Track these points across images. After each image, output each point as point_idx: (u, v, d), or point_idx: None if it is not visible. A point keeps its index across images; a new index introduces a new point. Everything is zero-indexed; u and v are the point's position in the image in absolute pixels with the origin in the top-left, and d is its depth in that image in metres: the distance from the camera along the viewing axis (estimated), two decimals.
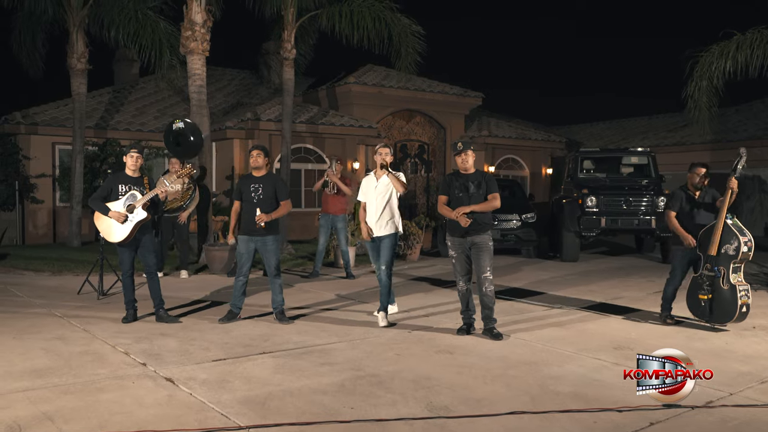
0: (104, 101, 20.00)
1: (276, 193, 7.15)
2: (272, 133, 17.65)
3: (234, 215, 7.33)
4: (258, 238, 7.08)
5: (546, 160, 23.70)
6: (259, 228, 6.97)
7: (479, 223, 6.59)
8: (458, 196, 6.66)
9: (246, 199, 7.16)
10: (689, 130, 23.76)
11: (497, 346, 6.27)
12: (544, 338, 6.58)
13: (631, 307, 8.29)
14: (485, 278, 6.61)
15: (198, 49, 11.71)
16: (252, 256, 7.18)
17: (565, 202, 13.70)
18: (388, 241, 7.12)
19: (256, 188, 7.11)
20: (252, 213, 7.04)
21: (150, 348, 6.00)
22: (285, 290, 9.28)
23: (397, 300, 8.51)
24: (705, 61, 12.45)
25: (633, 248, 15.81)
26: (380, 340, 6.44)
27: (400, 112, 21.02)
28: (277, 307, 7.22)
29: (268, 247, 7.10)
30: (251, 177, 7.25)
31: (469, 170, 6.74)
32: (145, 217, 6.89)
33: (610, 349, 6.21)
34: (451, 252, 6.82)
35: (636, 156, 14.42)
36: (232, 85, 24.47)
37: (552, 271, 11.74)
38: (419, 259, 13.62)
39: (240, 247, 7.18)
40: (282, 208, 7.17)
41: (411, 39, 16.35)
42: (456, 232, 6.70)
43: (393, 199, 7.20)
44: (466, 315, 6.85)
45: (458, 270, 6.80)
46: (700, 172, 7.37)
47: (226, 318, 7.13)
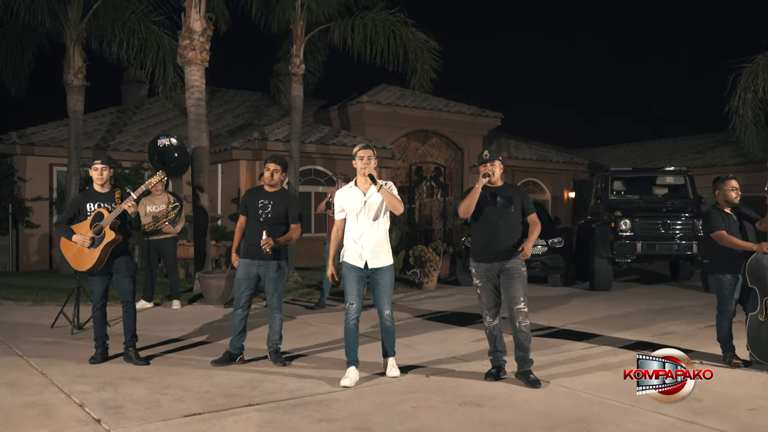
0: (107, 121, 19.21)
1: (288, 214, 6.14)
2: (280, 153, 16.70)
3: (238, 233, 6.28)
4: (262, 262, 6.05)
5: (568, 183, 22.62)
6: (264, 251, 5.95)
7: (510, 244, 5.56)
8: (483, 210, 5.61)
9: (252, 216, 6.14)
10: (719, 151, 22.68)
11: (535, 396, 5.16)
12: (591, 385, 5.46)
13: (684, 345, 7.13)
14: (519, 311, 5.52)
15: (196, 60, 10.81)
16: (254, 284, 6.14)
17: (595, 225, 12.58)
18: (387, 277, 5.62)
19: (264, 205, 6.09)
20: (257, 233, 6.00)
21: (112, 398, 4.94)
22: (285, 323, 8.22)
23: (413, 338, 7.43)
24: (750, 71, 11.38)
25: (667, 275, 14.61)
26: (393, 388, 5.35)
27: (416, 132, 20.04)
28: (272, 346, 6.16)
29: (272, 274, 6.07)
30: (261, 192, 6.22)
31: (496, 183, 5.70)
32: (114, 238, 5.87)
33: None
34: (476, 281, 5.74)
35: (672, 176, 13.29)
36: (242, 107, 23.70)
37: (585, 301, 10.60)
38: (436, 287, 12.53)
39: (239, 273, 6.13)
40: (293, 231, 6.16)
41: (427, 55, 15.46)
42: (482, 257, 5.65)
43: (387, 220, 5.71)
44: (495, 357, 5.75)
45: (484, 302, 5.72)
46: (734, 185, 6.28)
47: (222, 360, 6.03)
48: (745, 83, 11.52)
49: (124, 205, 5.85)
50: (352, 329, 5.53)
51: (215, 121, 21.45)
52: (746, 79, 11.48)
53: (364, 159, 5.59)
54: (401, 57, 15.31)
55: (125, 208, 5.85)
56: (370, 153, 5.62)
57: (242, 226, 6.25)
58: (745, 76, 11.49)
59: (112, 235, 5.86)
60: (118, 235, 5.90)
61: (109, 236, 5.85)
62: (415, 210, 20.14)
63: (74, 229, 5.95)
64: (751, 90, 11.49)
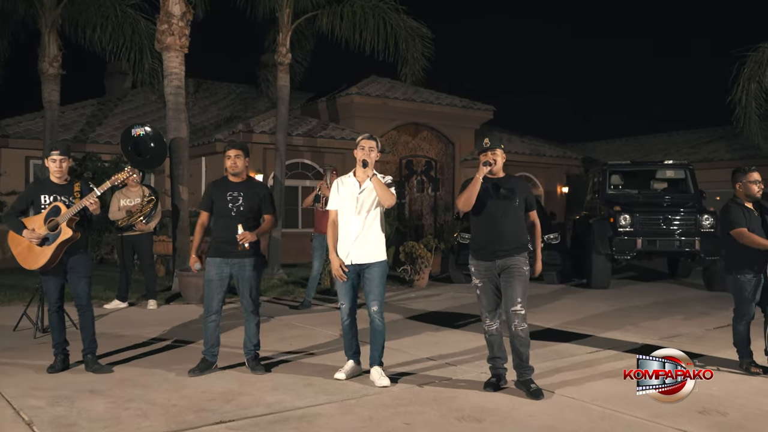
0: (87, 113, 18.58)
1: (261, 206, 5.59)
2: (266, 146, 16.15)
3: (200, 231, 5.66)
4: (235, 260, 5.47)
5: (561, 177, 22.15)
6: (236, 247, 5.37)
7: (513, 240, 5.07)
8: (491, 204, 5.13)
9: (220, 212, 5.54)
10: (715, 145, 22.30)
11: (539, 409, 4.65)
12: (600, 396, 4.95)
13: (695, 349, 6.64)
14: (515, 313, 5.03)
15: (175, 45, 10.21)
16: (226, 284, 5.57)
17: (593, 221, 12.09)
18: (379, 271, 5.23)
19: (234, 198, 5.51)
20: (229, 229, 5.41)
21: (66, 415, 4.39)
22: (267, 324, 7.72)
23: (403, 340, 6.90)
24: (755, 60, 10.90)
25: (665, 273, 14.15)
26: (382, 400, 4.82)
27: (406, 125, 19.52)
28: (250, 352, 5.61)
29: (247, 273, 5.49)
30: (227, 183, 5.61)
31: (498, 173, 5.21)
32: (71, 236, 5.30)
33: (694, 413, 4.58)
34: (476, 280, 5.23)
35: (672, 169, 12.82)
36: (228, 99, 23.10)
37: (583, 300, 10.10)
38: (428, 285, 12.01)
39: (210, 273, 5.52)
40: (267, 222, 5.65)
41: (418, 44, 14.89)
42: (482, 254, 5.14)
43: (381, 213, 5.33)
44: (494, 364, 5.24)
45: (484, 304, 5.21)
46: (756, 178, 5.78)
47: (198, 369, 5.45)
48: (749, 73, 11.04)
49: (86, 202, 5.26)
50: (346, 327, 5.40)
51: (200, 113, 20.87)
52: (751, 69, 11.01)
53: (365, 149, 5.23)
54: (391, 46, 14.75)
55: (86, 205, 5.27)
56: (372, 144, 5.26)
57: (204, 224, 5.67)
58: (750, 65, 11.01)
59: (69, 233, 5.27)
60: (76, 233, 5.31)
61: (65, 234, 5.27)
62: (406, 205, 19.64)
63: (26, 222, 5.37)
64: (755, 80, 11.02)
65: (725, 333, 7.36)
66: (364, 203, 5.21)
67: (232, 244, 5.38)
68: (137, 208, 8.76)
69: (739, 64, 11.21)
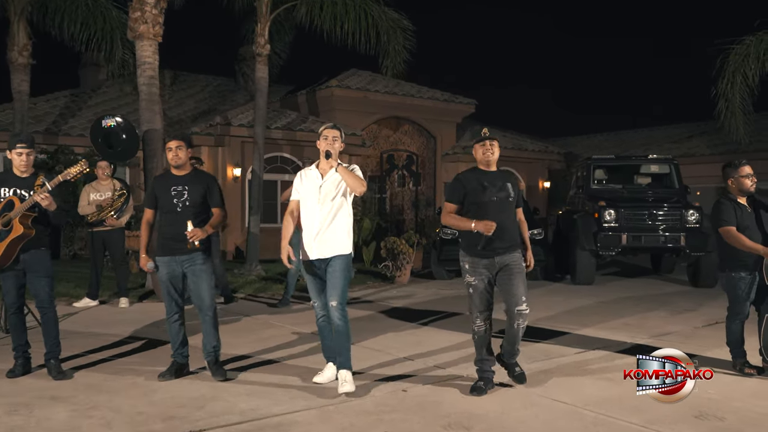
0: (59, 105, 18.06)
1: (207, 198, 5.24)
2: (245, 139, 15.82)
3: (146, 230, 5.33)
4: (184, 257, 5.13)
5: (543, 172, 22.00)
6: (185, 244, 5.04)
7: (512, 235, 4.92)
8: (480, 201, 4.90)
9: (165, 207, 5.21)
10: (696, 140, 22.29)
11: (531, 415, 4.41)
12: (593, 400, 4.72)
13: (686, 348, 6.41)
14: (520, 313, 4.89)
15: (149, 34, 9.82)
16: (181, 282, 5.22)
17: (577, 216, 11.90)
18: (340, 264, 4.85)
19: (179, 192, 5.16)
20: (177, 225, 5.09)
21: (23, 425, 4.07)
22: (242, 323, 7.45)
23: (385, 340, 6.64)
24: (740, 53, 10.75)
25: (649, 268, 14.01)
26: (364, 406, 4.55)
27: (387, 119, 19.25)
28: (209, 355, 5.19)
29: (197, 268, 5.14)
30: (170, 177, 5.29)
31: (491, 167, 4.99)
32: (22, 234, 4.93)
33: (690, 417, 4.37)
34: (469, 278, 4.96)
35: (656, 164, 12.63)
36: (206, 91, 22.64)
37: (568, 297, 9.90)
38: (410, 281, 11.76)
39: (161, 273, 5.22)
40: (217, 216, 5.27)
41: (399, 36, 14.63)
42: (480, 252, 4.88)
43: (346, 205, 4.97)
44: (482, 366, 5.00)
45: (476, 304, 4.96)
46: (748, 171, 5.55)
47: (169, 372, 5.15)
48: (734, 65, 10.89)
49: (36, 197, 4.90)
50: (322, 326, 5.11)
51: (176, 106, 20.43)
52: (736, 61, 10.85)
53: (329, 139, 4.92)
54: (373, 38, 14.47)
55: (38, 201, 4.91)
56: (336, 133, 4.96)
57: (150, 221, 5.35)
58: (735, 58, 10.86)
59: (20, 230, 4.90)
60: (29, 230, 4.94)
61: (17, 230, 4.91)
62: (387, 200, 19.38)
63: None
64: (740, 72, 10.86)
65: (714, 331, 7.22)
66: (327, 194, 4.90)
67: (180, 241, 5.05)
68: (108, 202, 8.41)
69: (723, 58, 11.05)
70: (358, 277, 11.92)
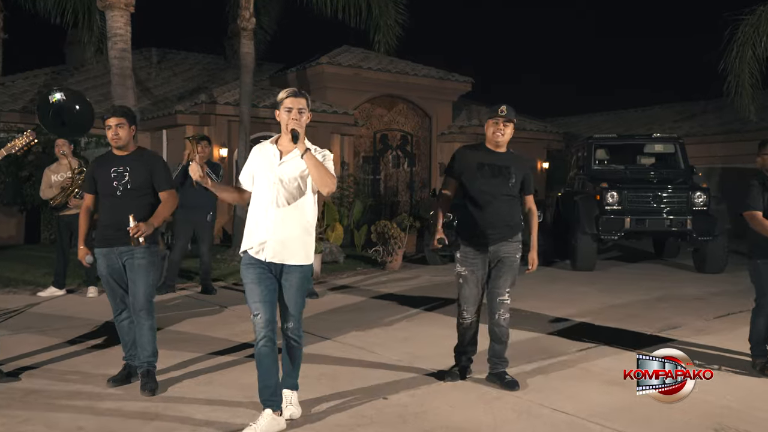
0: (39, 83, 17.40)
1: (152, 181, 4.58)
2: (231, 118, 15.16)
3: (84, 217, 4.72)
4: (123, 248, 4.47)
5: (542, 153, 21.37)
6: (124, 233, 4.37)
7: (508, 224, 4.52)
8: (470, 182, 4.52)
9: (105, 190, 4.58)
10: (700, 119, 21.68)
11: (527, 427, 3.85)
12: (599, 409, 4.16)
13: (700, 342, 5.89)
14: (502, 302, 4.54)
15: (120, 3, 9.19)
16: (124, 277, 4.58)
17: (578, 199, 11.31)
18: (299, 278, 3.82)
19: (119, 174, 4.51)
20: (116, 212, 4.46)
21: None
22: (218, 316, 6.90)
23: (370, 337, 6.07)
24: (750, 23, 10.11)
25: (651, 252, 13.45)
26: (338, 418, 3.98)
27: (381, 98, 18.57)
28: (141, 365, 4.50)
29: (136, 262, 4.47)
30: (111, 158, 4.65)
31: (500, 148, 4.59)
32: None
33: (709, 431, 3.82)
34: (461, 268, 4.59)
35: (661, 143, 12.03)
36: (194, 70, 21.94)
37: (569, 285, 9.34)
38: (401, 267, 11.19)
39: (100, 267, 4.60)
40: (165, 203, 4.59)
41: (392, 9, 14.02)
42: (473, 241, 4.52)
43: (309, 195, 3.86)
44: (463, 354, 4.76)
45: (465, 296, 4.61)
46: None
47: (120, 377, 4.58)
48: (743, 37, 10.25)
49: None
50: (263, 355, 3.74)
51: (162, 84, 19.78)
52: (745, 33, 10.22)
53: (293, 111, 3.74)
54: (363, 12, 13.85)
55: None
56: (302, 103, 3.77)
57: (90, 207, 4.72)
58: (744, 29, 10.21)
59: None
60: None
61: None
62: (381, 181, 18.78)
63: None
64: (750, 44, 10.22)
65: (727, 324, 6.72)
66: (284, 181, 3.78)
67: (118, 230, 4.42)
68: (68, 182, 7.82)
69: (732, 29, 10.41)
70: (348, 263, 11.39)
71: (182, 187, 7.83)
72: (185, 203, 7.93)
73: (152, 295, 4.58)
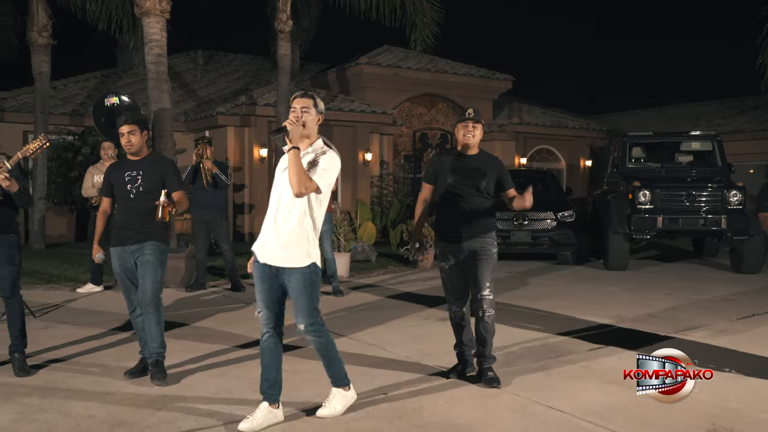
0: (89, 86, 18.04)
1: (164, 183, 4.82)
2: (271, 119, 15.44)
3: (101, 220, 5.01)
4: (134, 246, 4.75)
5: (585, 151, 21.13)
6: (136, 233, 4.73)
7: (479, 221, 4.69)
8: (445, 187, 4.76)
9: (119, 194, 4.87)
10: (749, 115, 21.10)
11: (518, 426, 3.92)
12: (594, 407, 4.21)
13: (715, 344, 5.85)
14: (484, 298, 4.63)
15: (155, 10, 9.51)
16: (136, 275, 4.83)
17: (610, 197, 11.22)
18: (300, 280, 3.82)
19: (133, 177, 4.81)
20: (129, 213, 4.79)
21: None
22: (239, 313, 7.10)
23: (384, 334, 6.21)
24: None
25: (691, 252, 13.23)
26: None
27: (420, 97, 18.64)
28: (151, 356, 4.72)
29: (146, 258, 4.73)
30: (125, 163, 4.95)
31: (471, 150, 4.78)
32: None
33: (702, 431, 3.83)
34: (440, 263, 4.86)
35: (698, 141, 11.85)
36: (240, 71, 22.36)
37: (595, 285, 9.29)
38: (433, 266, 11.26)
39: (114, 266, 4.89)
40: (180, 199, 4.84)
41: (426, 6, 14.09)
42: (446, 236, 4.77)
43: (314, 195, 3.84)
44: (461, 350, 4.90)
45: (448, 289, 4.87)
46: None
47: (137, 370, 4.83)
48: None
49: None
50: (264, 349, 3.91)
51: (207, 86, 20.24)
52: None
53: (296, 110, 3.81)
54: (398, 10, 13.97)
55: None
56: (306, 103, 3.84)
57: (106, 211, 5.01)
58: None
59: None
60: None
61: None
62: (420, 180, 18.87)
63: None
64: None
65: (750, 325, 6.63)
66: (287, 183, 3.80)
67: (131, 229, 4.74)
68: None
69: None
70: (380, 261, 11.53)
71: (193, 187, 8.21)
72: (196, 203, 8.30)
73: (160, 291, 4.81)
